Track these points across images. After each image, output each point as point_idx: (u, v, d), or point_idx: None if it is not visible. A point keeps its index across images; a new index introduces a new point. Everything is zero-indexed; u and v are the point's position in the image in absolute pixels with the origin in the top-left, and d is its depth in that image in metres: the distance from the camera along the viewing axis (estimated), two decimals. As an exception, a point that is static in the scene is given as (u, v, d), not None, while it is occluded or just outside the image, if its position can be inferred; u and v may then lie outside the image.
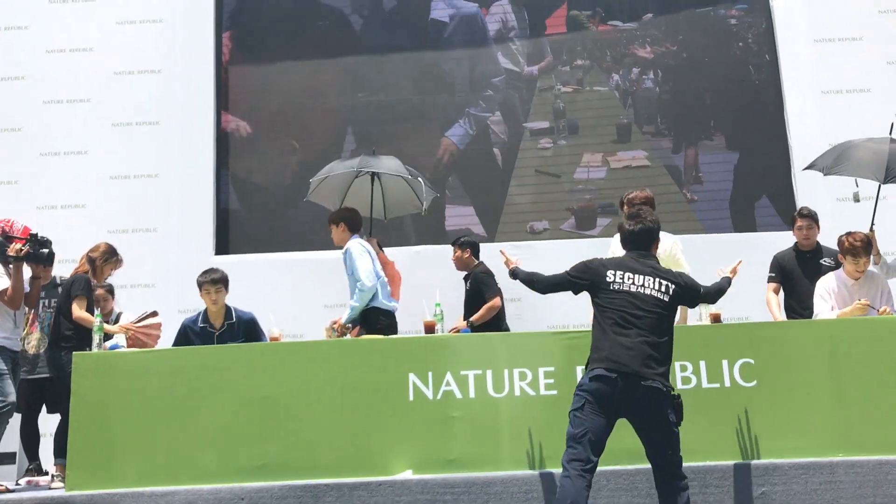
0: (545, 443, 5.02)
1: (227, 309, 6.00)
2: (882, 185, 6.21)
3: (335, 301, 7.08)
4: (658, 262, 4.41)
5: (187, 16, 8.89)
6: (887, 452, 4.88)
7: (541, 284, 4.55)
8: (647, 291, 4.18)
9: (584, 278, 4.34)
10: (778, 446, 4.95)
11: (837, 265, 6.01)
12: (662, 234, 5.99)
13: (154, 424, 5.05)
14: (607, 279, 4.24)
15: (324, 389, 5.13)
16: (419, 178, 6.69)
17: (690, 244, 6.25)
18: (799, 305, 6.15)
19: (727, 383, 5.10)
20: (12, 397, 5.41)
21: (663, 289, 4.21)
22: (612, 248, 6.11)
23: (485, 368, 5.15)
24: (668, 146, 8.55)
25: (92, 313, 5.76)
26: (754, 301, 6.42)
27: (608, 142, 8.55)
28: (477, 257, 7.11)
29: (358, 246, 6.11)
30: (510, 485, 4.82)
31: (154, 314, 6.12)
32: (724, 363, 5.12)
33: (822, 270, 6.14)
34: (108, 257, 6.20)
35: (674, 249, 5.91)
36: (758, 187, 8.56)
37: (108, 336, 5.69)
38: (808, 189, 7.85)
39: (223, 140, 8.77)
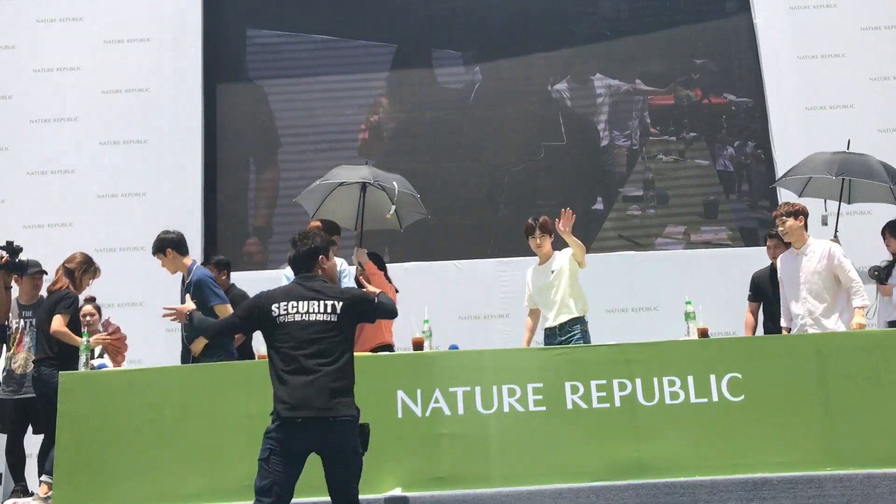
0: (535, 459, 5.01)
1: (191, 268, 5.87)
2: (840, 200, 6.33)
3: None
4: (325, 282, 4.22)
5: (175, 35, 8.91)
6: (875, 466, 4.89)
7: (209, 331, 4.39)
8: (314, 318, 3.99)
9: (250, 318, 4.11)
10: (766, 461, 4.95)
11: None
12: (559, 253, 6.02)
13: (141, 444, 5.02)
14: (273, 313, 4.02)
15: (312, 407, 5.10)
16: (393, 183, 6.47)
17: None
18: (773, 324, 6.19)
19: (715, 398, 5.10)
20: None
21: (329, 310, 4.02)
22: (527, 276, 6.19)
23: (473, 385, 5.13)
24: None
25: (77, 332, 5.74)
26: (741, 316, 6.46)
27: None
28: (230, 278, 6.97)
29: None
30: (500, 501, 4.81)
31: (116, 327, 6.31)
32: (712, 378, 5.12)
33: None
34: (86, 267, 6.15)
35: (569, 261, 5.96)
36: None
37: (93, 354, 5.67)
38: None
39: (211, 158, 8.78)
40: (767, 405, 5.08)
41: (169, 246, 5.82)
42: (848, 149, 6.33)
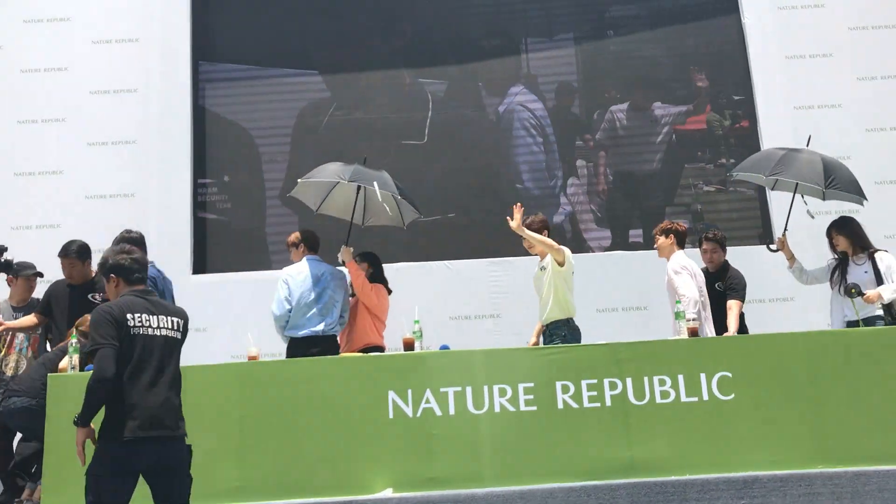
0: (526, 458, 5.03)
1: None
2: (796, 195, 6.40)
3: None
4: (157, 296, 4.17)
5: (163, 35, 8.88)
6: (864, 464, 4.93)
7: (103, 391, 3.75)
8: (164, 332, 3.94)
9: (117, 337, 3.82)
10: (756, 459, 4.98)
11: (728, 289, 6.30)
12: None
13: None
14: (129, 322, 3.85)
15: (302, 409, 5.11)
16: (398, 195, 6.52)
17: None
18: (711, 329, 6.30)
19: (705, 397, 5.13)
20: None
21: (174, 326, 3.99)
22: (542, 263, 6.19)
23: (464, 385, 5.15)
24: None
25: None
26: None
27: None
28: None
29: (283, 273, 6.26)
30: (491, 501, 4.81)
31: None
32: (703, 377, 5.15)
33: (715, 295, 6.33)
34: None
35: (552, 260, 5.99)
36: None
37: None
38: (782, 203, 7.93)
39: (200, 159, 8.74)
40: (757, 404, 5.12)
41: (137, 245, 5.91)
42: (808, 144, 6.36)
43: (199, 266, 8.47)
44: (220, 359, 6.41)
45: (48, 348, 6.21)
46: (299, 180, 6.53)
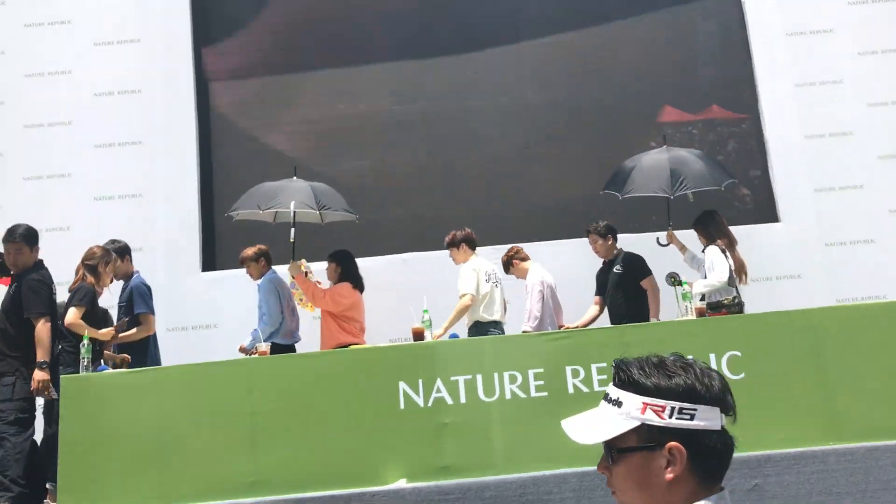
0: (538, 445, 5.02)
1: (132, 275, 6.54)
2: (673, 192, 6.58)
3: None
4: None
5: (165, 35, 8.88)
6: (877, 438, 4.91)
7: None
8: None
9: None
10: (769, 438, 4.96)
11: (628, 271, 6.55)
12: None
13: (143, 444, 5.04)
14: None
15: (313, 402, 5.13)
16: (320, 209, 6.93)
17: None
18: (612, 319, 6.61)
19: (715, 377, 5.12)
20: None
21: None
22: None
23: (474, 373, 5.15)
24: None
25: (94, 327, 5.76)
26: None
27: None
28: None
29: (268, 283, 6.89)
30: (504, 489, 4.82)
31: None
32: (712, 357, 5.14)
33: (612, 279, 6.61)
34: (106, 259, 6.18)
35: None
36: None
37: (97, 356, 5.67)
38: (786, 181, 7.90)
39: (206, 157, 8.76)
40: (768, 382, 5.10)
41: (127, 253, 6.42)
42: (665, 143, 6.74)
43: (208, 263, 8.50)
44: (230, 355, 6.46)
45: None
46: (227, 214, 7.18)
